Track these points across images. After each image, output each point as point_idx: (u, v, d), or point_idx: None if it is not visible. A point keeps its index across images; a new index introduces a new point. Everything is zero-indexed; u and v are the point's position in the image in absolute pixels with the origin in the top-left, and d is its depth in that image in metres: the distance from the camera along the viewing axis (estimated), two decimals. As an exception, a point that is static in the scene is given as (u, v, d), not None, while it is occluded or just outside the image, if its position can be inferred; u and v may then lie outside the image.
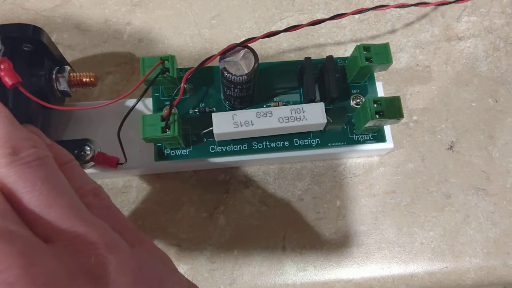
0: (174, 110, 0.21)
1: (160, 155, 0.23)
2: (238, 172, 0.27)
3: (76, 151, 0.24)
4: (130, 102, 0.25)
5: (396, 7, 0.22)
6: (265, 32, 0.20)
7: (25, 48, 0.20)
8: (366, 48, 0.21)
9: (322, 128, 0.22)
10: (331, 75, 0.22)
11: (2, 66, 0.18)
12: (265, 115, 0.20)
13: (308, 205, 0.26)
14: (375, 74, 0.25)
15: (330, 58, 0.22)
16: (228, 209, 0.26)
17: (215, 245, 0.25)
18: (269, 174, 0.27)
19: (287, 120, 0.20)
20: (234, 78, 0.19)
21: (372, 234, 0.26)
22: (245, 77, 0.19)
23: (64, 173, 0.16)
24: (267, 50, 0.29)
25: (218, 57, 0.20)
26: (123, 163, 0.23)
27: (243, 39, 0.29)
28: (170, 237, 0.25)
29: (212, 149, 0.23)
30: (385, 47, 0.21)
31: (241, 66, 0.19)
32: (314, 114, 0.20)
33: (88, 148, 0.24)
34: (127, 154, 0.24)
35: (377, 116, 0.20)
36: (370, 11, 0.22)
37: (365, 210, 0.26)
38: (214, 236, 0.26)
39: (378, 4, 0.30)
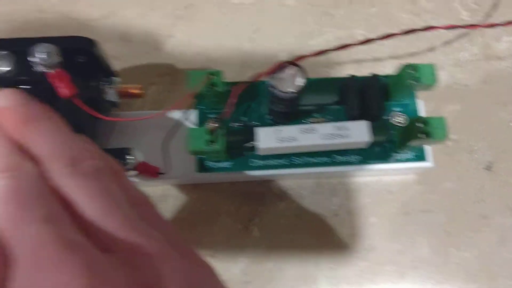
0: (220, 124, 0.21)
1: (201, 167, 0.23)
2: (273, 185, 0.27)
3: (119, 160, 0.25)
4: (175, 115, 0.26)
5: (446, 29, 0.22)
6: (305, 47, 0.21)
7: (79, 60, 0.21)
8: (413, 67, 0.21)
9: (365, 146, 0.22)
10: (374, 93, 0.22)
11: (61, 78, 0.19)
12: (309, 132, 0.21)
13: (343, 221, 0.26)
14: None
15: (374, 76, 0.22)
16: (263, 222, 0.26)
17: (249, 257, 0.26)
18: (304, 188, 0.27)
19: (331, 137, 0.21)
20: (282, 95, 0.20)
21: (406, 252, 0.26)
22: (294, 94, 0.20)
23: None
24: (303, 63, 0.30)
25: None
26: (164, 173, 0.24)
27: (282, 53, 0.30)
28: (206, 247, 0.26)
29: (253, 162, 0.23)
30: (431, 68, 0.21)
31: (289, 83, 0.20)
32: (358, 132, 0.21)
33: (131, 157, 0.25)
34: (167, 164, 0.24)
35: (421, 136, 0.20)
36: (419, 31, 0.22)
37: (400, 228, 0.26)
38: (248, 248, 0.26)
39: (419, 22, 0.30)
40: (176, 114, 0.24)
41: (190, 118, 0.25)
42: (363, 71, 0.29)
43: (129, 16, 0.30)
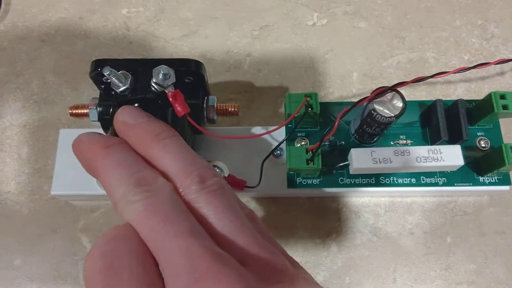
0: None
1: (291, 183, 0.24)
2: (350, 201, 0.28)
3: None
4: (254, 130, 0.27)
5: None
6: (377, 67, 0.21)
7: (186, 80, 0.23)
8: (501, 95, 0.22)
9: (455, 169, 0.23)
10: (462, 119, 0.23)
11: (177, 97, 0.20)
12: (402, 154, 0.22)
13: (419, 239, 0.27)
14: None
15: (461, 101, 0.23)
16: (340, 237, 0.27)
17: (327, 271, 0.27)
18: (379, 206, 0.28)
19: (425, 160, 0.21)
20: (382, 119, 0.21)
21: (482, 273, 0.26)
22: (393, 118, 0.20)
23: None
24: (378, 84, 0.31)
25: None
26: (253, 187, 0.25)
27: (354, 74, 0.31)
28: (285, 259, 0.27)
29: (342, 180, 0.24)
30: (520, 96, 0.22)
31: (389, 108, 0.21)
32: (452, 156, 0.21)
33: (218, 170, 0.26)
34: (252, 177, 0.25)
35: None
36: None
37: (475, 248, 0.27)
38: (326, 263, 0.27)
39: (489, 47, 0.31)
40: (258, 131, 0.26)
41: (273, 136, 0.26)
42: (436, 93, 0.30)
43: (209, 35, 0.32)
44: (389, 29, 0.32)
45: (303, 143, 0.25)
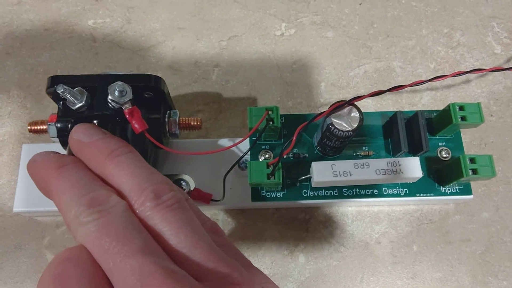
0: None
1: (256, 196, 0.24)
2: (317, 212, 0.28)
3: (173, 187, 0.26)
4: (221, 142, 0.27)
5: (492, 71, 0.23)
6: (344, 77, 0.22)
7: (145, 95, 0.22)
8: (460, 107, 0.22)
9: (415, 181, 0.23)
10: (422, 130, 0.23)
11: (133, 114, 0.20)
12: (362, 167, 0.22)
13: (385, 249, 0.27)
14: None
15: (421, 113, 0.24)
16: (308, 248, 0.27)
17: (295, 283, 0.27)
18: (347, 215, 0.28)
19: (384, 173, 0.22)
20: (339, 133, 0.21)
21: (448, 281, 0.27)
22: (350, 132, 0.21)
23: None
24: (345, 94, 0.31)
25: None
26: (218, 200, 0.25)
27: (322, 84, 0.31)
28: (253, 271, 0.27)
29: (305, 193, 0.24)
30: (478, 107, 0.22)
31: (346, 122, 0.21)
32: (410, 168, 0.22)
33: (184, 183, 0.26)
34: (219, 190, 0.25)
35: (471, 173, 0.21)
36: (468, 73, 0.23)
37: (441, 256, 0.27)
38: (294, 274, 0.27)
39: (454, 55, 0.31)
40: (224, 143, 0.26)
41: (239, 147, 0.26)
42: (402, 102, 0.31)
43: (177, 46, 0.32)
44: (356, 39, 0.32)
45: (267, 155, 0.25)
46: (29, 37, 0.32)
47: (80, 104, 0.21)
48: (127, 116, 0.20)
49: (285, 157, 0.25)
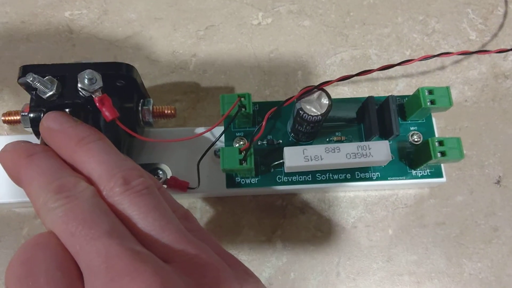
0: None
1: (231, 183, 0.24)
2: (294, 198, 0.28)
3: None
4: (198, 130, 0.27)
5: (459, 54, 0.24)
6: (321, 65, 0.22)
7: (118, 84, 0.23)
8: (429, 90, 0.23)
9: (385, 164, 0.23)
10: (392, 114, 0.23)
11: (104, 102, 0.20)
12: (333, 151, 0.22)
13: (361, 233, 0.28)
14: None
15: (392, 97, 0.24)
16: (285, 234, 0.28)
17: (273, 268, 0.27)
18: (324, 201, 0.28)
19: (354, 157, 0.22)
20: (309, 117, 0.21)
21: (423, 264, 0.27)
22: (320, 117, 0.21)
23: None
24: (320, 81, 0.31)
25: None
26: (194, 188, 0.25)
27: (299, 72, 0.31)
28: (231, 258, 0.27)
29: (279, 179, 0.24)
30: (447, 90, 0.23)
31: (316, 107, 0.21)
32: (380, 152, 0.22)
33: (161, 172, 0.26)
34: (195, 179, 0.25)
35: (439, 155, 0.22)
36: (435, 57, 0.23)
37: (416, 240, 0.28)
38: (272, 259, 0.27)
39: (430, 42, 0.31)
40: (200, 131, 0.26)
41: (214, 134, 0.26)
42: (378, 88, 0.31)
43: (154, 36, 0.32)
44: (333, 27, 0.33)
45: (241, 142, 0.25)
46: (5, 29, 0.32)
47: (51, 93, 0.21)
48: (97, 104, 0.20)
49: (259, 144, 0.25)
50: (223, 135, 0.25)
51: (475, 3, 0.34)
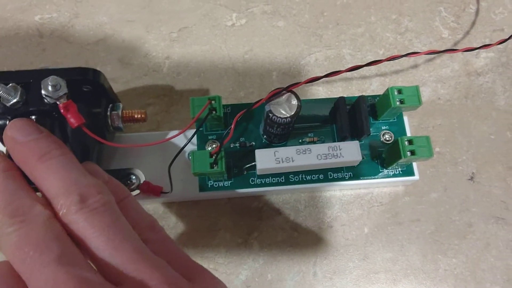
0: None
1: (203, 186, 0.24)
2: (270, 199, 0.28)
3: (123, 180, 0.26)
4: (171, 134, 0.27)
5: (427, 54, 0.24)
6: (296, 66, 0.22)
7: (84, 89, 0.22)
8: (398, 90, 0.23)
9: (356, 164, 0.23)
10: (363, 114, 0.24)
11: (69, 108, 0.20)
12: (304, 152, 0.22)
13: (337, 232, 0.28)
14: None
15: (362, 98, 0.24)
16: (262, 235, 0.28)
17: (249, 270, 0.27)
18: (300, 202, 0.28)
19: (325, 157, 0.22)
20: (278, 119, 0.21)
21: (398, 261, 0.27)
22: (289, 119, 0.21)
23: (122, 209, 0.18)
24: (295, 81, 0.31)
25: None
26: (167, 192, 0.25)
27: (274, 73, 0.31)
28: (208, 261, 0.27)
29: (252, 181, 0.24)
30: (416, 90, 0.23)
31: (285, 109, 0.21)
32: (350, 152, 0.22)
33: (134, 177, 0.26)
34: (168, 183, 0.25)
35: (409, 154, 0.22)
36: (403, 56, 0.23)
37: (391, 237, 0.28)
38: (248, 261, 0.27)
39: (403, 41, 0.32)
40: (172, 134, 0.26)
41: (187, 137, 0.26)
42: (352, 88, 0.31)
43: (126, 39, 0.31)
44: (307, 27, 0.33)
45: (214, 146, 0.25)
46: (-27, 34, 0.31)
47: (15, 100, 0.20)
48: (61, 110, 0.20)
49: (232, 146, 0.25)
50: (195, 138, 0.25)
51: (448, 1, 0.34)
